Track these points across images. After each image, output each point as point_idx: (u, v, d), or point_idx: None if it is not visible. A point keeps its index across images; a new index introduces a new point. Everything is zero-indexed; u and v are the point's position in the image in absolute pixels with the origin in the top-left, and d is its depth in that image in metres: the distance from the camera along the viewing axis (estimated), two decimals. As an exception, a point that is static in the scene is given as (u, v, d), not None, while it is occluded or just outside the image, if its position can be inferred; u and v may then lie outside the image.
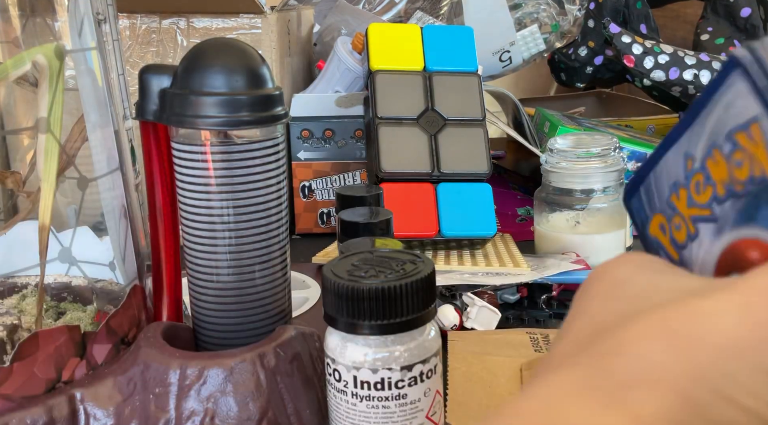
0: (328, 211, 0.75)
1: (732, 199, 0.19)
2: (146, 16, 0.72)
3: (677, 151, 0.21)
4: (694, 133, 0.20)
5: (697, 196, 0.20)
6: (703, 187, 0.20)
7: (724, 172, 0.19)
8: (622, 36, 0.72)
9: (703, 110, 0.19)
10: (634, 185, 0.23)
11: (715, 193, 0.20)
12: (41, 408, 0.33)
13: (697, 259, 0.21)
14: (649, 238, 0.23)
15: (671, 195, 0.22)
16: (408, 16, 0.92)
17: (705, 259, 0.21)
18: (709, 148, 0.19)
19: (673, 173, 0.21)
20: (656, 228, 0.23)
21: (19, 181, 0.39)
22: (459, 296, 0.52)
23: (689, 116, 0.20)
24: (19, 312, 0.39)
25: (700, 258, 0.21)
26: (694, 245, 0.21)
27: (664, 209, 0.22)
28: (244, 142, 0.36)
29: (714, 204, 0.20)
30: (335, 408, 0.33)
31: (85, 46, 0.38)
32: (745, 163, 0.18)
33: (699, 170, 0.20)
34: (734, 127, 0.18)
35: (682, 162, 0.21)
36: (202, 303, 0.38)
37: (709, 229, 0.20)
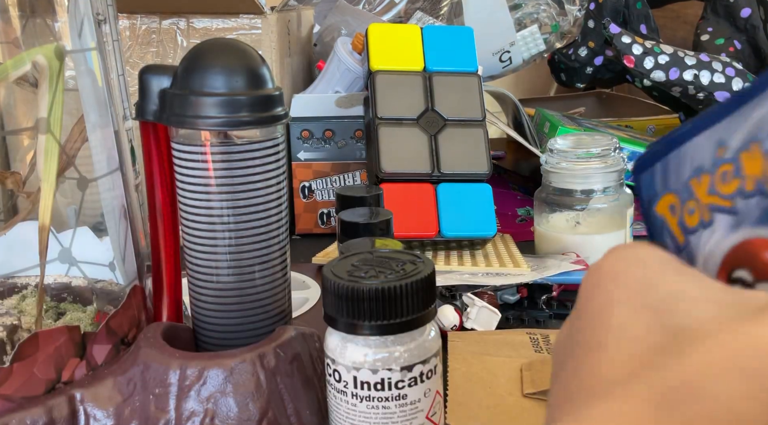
0: (328, 211, 0.75)
1: (760, 196, 0.19)
2: (146, 16, 0.72)
3: (710, 136, 0.20)
4: (733, 122, 0.19)
5: (721, 185, 0.20)
6: (731, 177, 0.19)
7: (759, 169, 0.19)
8: (622, 36, 0.72)
9: (749, 102, 0.18)
10: (650, 160, 0.22)
11: (742, 186, 0.19)
12: (41, 409, 0.33)
13: (704, 247, 0.21)
14: (654, 215, 0.23)
15: (692, 178, 0.21)
16: (408, 17, 0.92)
17: (713, 249, 0.20)
18: (747, 141, 0.19)
19: (699, 157, 0.20)
20: (665, 207, 0.22)
21: (19, 182, 0.39)
22: (459, 296, 0.52)
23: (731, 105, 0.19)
24: (19, 313, 0.39)
25: (709, 247, 0.21)
26: (705, 233, 0.21)
27: (679, 190, 0.21)
28: (244, 142, 0.36)
29: (738, 197, 0.19)
30: (335, 409, 0.33)
31: (85, 46, 0.38)
32: None
33: (730, 161, 0.19)
34: None
35: (712, 148, 0.20)
36: (202, 304, 0.38)
37: (725, 221, 0.20)
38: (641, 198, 0.23)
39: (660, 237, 0.23)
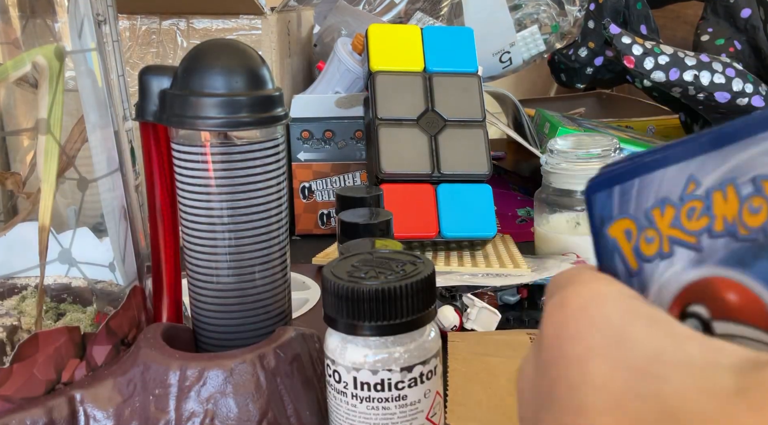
0: (328, 211, 0.75)
1: (728, 238, 0.19)
2: (146, 17, 0.72)
3: (682, 169, 0.20)
4: (710, 160, 0.19)
5: (686, 220, 0.20)
6: (698, 215, 0.20)
7: (732, 211, 0.19)
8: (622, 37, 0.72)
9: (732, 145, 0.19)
10: (608, 182, 0.22)
11: (710, 225, 0.19)
12: (41, 410, 0.33)
13: (660, 277, 0.21)
14: (606, 237, 0.22)
15: (654, 208, 0.21)
16: (408, 17, 0.92)
17: (670, 280, 0.21)
18: (723, 182, 0.19)
19: (666, 189, 0.20)
20: (619, 231, 0.22)
21: (19, 182, 0.39)
22: (459, 297, 0.52)
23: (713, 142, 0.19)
24: (19, 314, 0.39)
25: (665, 277, 0.21)
26: (663, 263, 0.21)
27: (638, 217, 0.21)
28: (244, 143, 0.36)
29: (705, 235, 0.19)
30: (335, 409, 0.33)
31: (85, 47, 0.38)
32: (763, 211, 0.18)
33: (700, 198, 0.19)
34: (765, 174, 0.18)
35: (683, 182, 0.20)
36: (202, 304, 0.38)
37: (686, 256, 0.20)
38: (592, 216, 0.23)
39: (610, 258, 0.23)
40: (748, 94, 0.71)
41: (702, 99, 0.73)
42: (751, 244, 0.18)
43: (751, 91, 0.71)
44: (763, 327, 0.18)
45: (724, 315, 0.19)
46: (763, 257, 0.18)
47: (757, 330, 0.18)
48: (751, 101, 0.71)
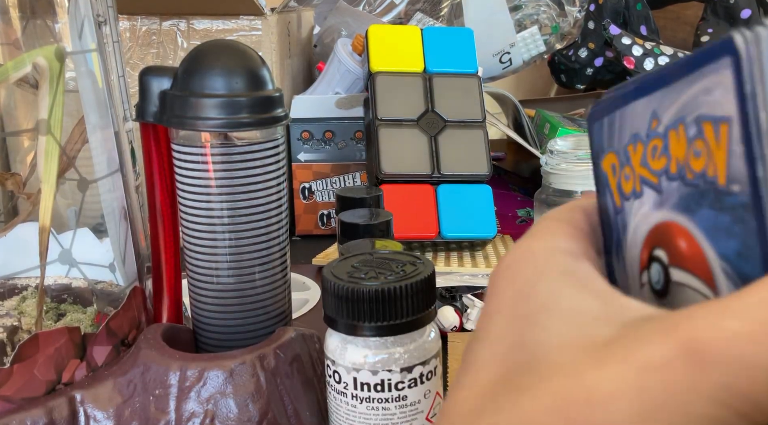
0: (328, 212, 0.75)
1: (680, 181, 0.18)
2: (146, 17, 0.72)
3: (648, 104, 0.19)
4: (668, 94, 0.18)
5: (651, 159, 0.19)
6: (659, 154, 0.18)
7: (682, 153, 0.17)
8: (622, 37, 0.72)
9: (684, 78, 0.17)
10: (601, 111, 0.21)
11: (668, 166, 0.18)
12: (41, 410, 0.33)
13: (634, 217, 0.20)
14: (600, 171, 0.22)
15: (629, 144, 0.20)
16: (408, 18, 0.92)
17: (640, 222, 0.20)
18: (676, 120, 0.18)
19: (637, 124, 0.19)
20: (608, 166, 0.21)
21: (20, 183, 0.39)
22: (459, 297, 0.52)
23: (671, 75, 0.18)
24: (19, 314, 0.39)
25: (637, 219, 0.20)
26: (636, 203, 0.20)
27: (619, 153, 0.20)
28: (244, 143, 0.36)
29: (663, 176, 0.18)
30: (335, 410, 0.33)
31: (85, 47, 0.38)
32: (703, 155, 0.17)
33: (661, 136, 0.18)
34: (705, 115, 0.16)
35: (648, 118, 0.19)
36: (202, 305, 0.38)
37: (651, 196, 0.19)
38: (592, 148, 0.22)
39: (603, 193, 0.22)
40: (748, 94, 0.71)
41: (702, 99, 0.72)
42: (695, 190, 0.17)
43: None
44: (703, 278, 0.17)
45: (677, 262, 0.18)
46: (704, 205, 0.17)
47: (700, 282, 0.18)
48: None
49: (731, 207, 0.16)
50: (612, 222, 0.21)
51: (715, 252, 0.17)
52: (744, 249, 0.16)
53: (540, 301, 0.18)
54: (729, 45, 0.15)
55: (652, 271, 0.20)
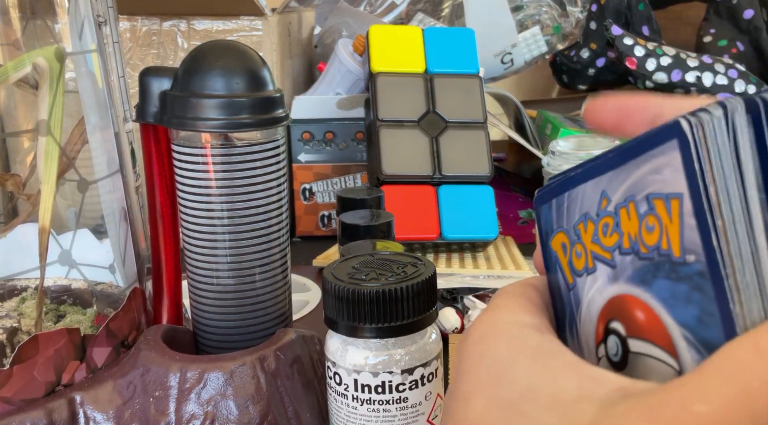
0: (328, 213, 0.75)
1: (633, 255, 0.19)
2: (146, 18, 0.72)
3: (597, 185, 0.20)
4: (617, 176, 0.19)
5: (603, 237, 0.20)
6: (611, 231, 0.20)
7: (634, 229, 0.19)
8: (624, 38, 0.72)
9: (632, 160, 0.18)
10: (548, 194, 0.23)
11: (620, 242, 0.19)
12: (41, 411, 0.33)
13: (588, 292, 0.21)
14: (550, 250, 0.23)
15: (579, 222, 0.21)
16: (409, 18, 0.92)
17: (595, 297, 0.21)
18: (626, 198, 0.19)
19: (587, 204, 0.21)
20: (558, 244, 0.22)
21: (19, 184, 0.39)
22: (460, 299, 0.52)
23: (618, 158, 0.19)
24: (19, 315, 0.39)
25: (591, 294, 0.21)
26: (590, 279, 0.21)
27: (569, 231, 0.22)
28: (245, 144, 0.36)
29: (616, 252, 0.19)
30: (336, 412, 0.32)
31: (85, 48, 0.38)
32: (656, 230, 0.18)
33: (611, 214, 0.20)
34: (656, 192, 0.18)
35: (598, 198, 0.20)
36: (203, 306, 0.38)
37: (605, 271, 0.20)
38: (540, 229, 0.23)
39: (554, 271, 0.23)
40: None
41: (704, 100, 0.72)
42: (650, 263, 0.18)
43: (753, 92, 0.71)
44: (664, 346, 0.18)
45: (635, 333, 0.19)
46: (659, 276, 0.18)
47: (661, 350, 0.18)
48: (753, 102, 0.71)
49: (688, 276, 0.17)
50: (564, 298, 0.22)
51: (674, 320, 0.18)
52: (703, 315, 0.17)
53: (520, 387, 0.19)
54: (675, 129, 0.17)
55: (609, 344, 0.20)
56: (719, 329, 0.16)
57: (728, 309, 0.16)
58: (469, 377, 0.20)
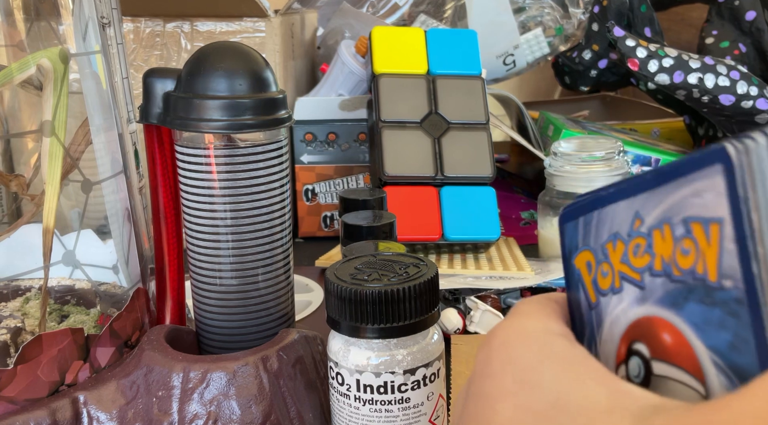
0: (331, 214, 0.75)
1: (665, 278, 0.19)
2: (150, 19, 0.72)
3: (630, 205, 0.20)
4: (653, 197, 0.19)
5: (633, 257, 0.20)
6: (642, 252, 0.20)
7: (668, 251, 0.19)
8: (626, 39, 0.72)
9: (671, 182, 0.19)
10: (575, 212, 0.23)
11: (651, 263, 0.19)
12: (44, 411, 0.33)
13: (612, 312, 0.21)
14: (573, 267, 0.23)
15: (608, 242, 0.21)
16: (412, 20, 0.92)
17: (619, 317, 0.21)
18: (661, 220, 0.19)
19: (617, 224, 0.21)
20: (582, 262, 0.22)
21: (23, 184, 0.39)
22: (462, 300, 0.52)
23: (655, 180, 0.19)
24: (23, 315, 0.39)
25: (616, 313, 0.21)
26: (615, 298, 0.21)
27: (596, 250, 0.22)
28: (248, 145, 0.36)
29: (646, 273, 0.19)
30: (338, 412, 0.32)
31: (89, 49, 0.38)
32: (692, 254, 0.18)
33: (644, 235, 0.20)
34: (695, 216, 0.18)
35: (630, 218, 0.20)
36: (205, 307, 0.38)
37: (633, 292, 0.20)
38: (563, 245, 0.23)
39: (576, 289, 0.23)
40: (753, 96, 0.71)
41: (706, 102, 0.72)
42: (683, 286, 0.18)
43: (756, 93, 0.71)
44: (690, 371, 0.18)
45: (661, 356, 0.19)
46: (691, 300, 0.18)
47: (686, 374, 0.18)
48: (755, 104, 0.71)
49: (723, 301, 0.17)
50: (585, 317, 0.22)
51: (704, 344, 0.18)
52: (737, 341, 0.17)
53: (549, 395, 0.19)
54: (721, 154, 0.17)
55: (630, 365, 0.20)
56: (753, 356, 0.16)
57: (764, 336, 0.16)
58: (494, 381, 0.20)
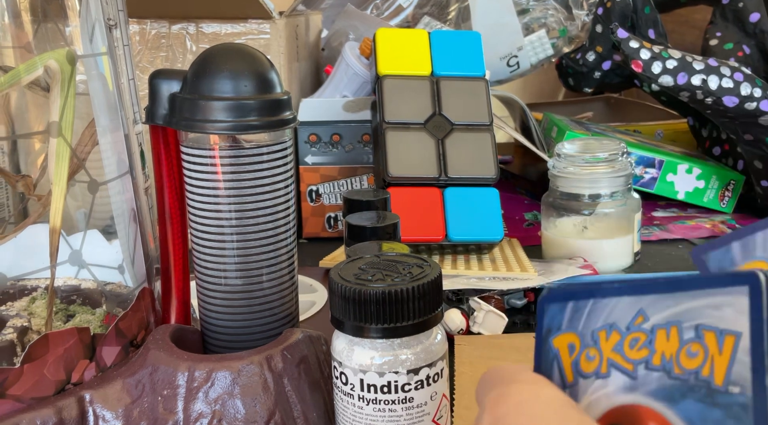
0: (335, 215, 0.75)
1: (663, 373, 0.21)
2: (156, 21, 0.72)
3: (634, 302, 0.22)
4: (662, 300, 0.21)
5: (628, 349, 0.22)
6: (640, 346, 0.21)
7: (671, 350, 0.20)
8: (629, 41, 0.72)
9: (687, 292, 0.20)
10: (564, 296, 0.24)
11: (649, 358, 0.21)
12: (51, 410, 0.33)
13: (592, 394, 0.23)
14: (549, 346, 0.24)
15: (601, 330, 0.23)
16: (416, 22, 0.92)
17: (599, 398, 0.22)
18: (669, 322, 0.21)
19: (616, 316, 0.22)
20: (563, 343, 0.24)
21: (30, 185, 0.39)
22: (466, 300, 0.52)
23: (668, 286, 0.21)
24: (29, 315, 0.39)
25: (597, 395, 0.22)
26: (598, 382, 0.22)
27: (584, 335, 0.23)
28: (253, 146, 0.36)
29: (641, 366, 0.21)
30: (342, 411, 0.33)
31: (96, 51, 0.38)
32: (699, 357, 0.20)
33: (646, 331, 0.21)
34: (709, 325, 0.20)
35: (632, 314, 0.22)
36: (210, 306, 0.38)
37: (621, 380, 0.22)
38: (540, 324, 0.25)
39: (548, 366, 0.24)
40: (757, 98, 0.71)
41: (710, 103, 0.72)
42: (682, 383, 0.20)
43: (760, 95, 0.71)
44: None
45: None
46: (690, 397, 0.20)
47: None
48: (759, 105, 0.71)
49: (726, 404, 0.19)
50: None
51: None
52: None
53: None
54: (752, 278, 0.19)
55: None
56: None
57: None
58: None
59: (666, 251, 0.69)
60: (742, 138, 0.75)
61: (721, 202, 0.81)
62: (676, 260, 0.67)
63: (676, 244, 0.71)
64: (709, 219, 0.78)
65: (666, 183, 0.80)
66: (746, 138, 0.75)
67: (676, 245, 0.71)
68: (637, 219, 0.64)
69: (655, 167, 0.80)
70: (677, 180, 0.80)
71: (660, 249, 0.70)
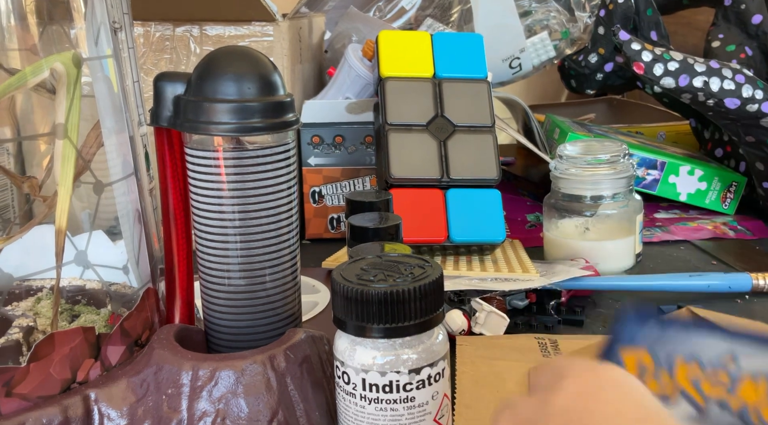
0: (338, 216, 0.76)
1: (738, 419, 0.20)
2: (160, 23, 0.73)
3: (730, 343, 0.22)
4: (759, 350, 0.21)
5: (707, 383, 0.21)
6: (721, 386, 0.21)
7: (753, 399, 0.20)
8: (631, 43, 0.72)
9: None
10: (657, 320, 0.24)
11: (726, 399, 0.21)
12: (56, 408, 0.34)
13: None
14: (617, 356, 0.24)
15: (679, 356, 0.22)
16: (418, 24, 0.93)
17: None
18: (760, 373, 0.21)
19: (701, 349, 0.22)
20: (632, 358, 0.23)
21: (36, 186, 0.40)
22: (467, 301, 0.53)
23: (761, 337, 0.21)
24: (35, 315, 0.40)
25: None
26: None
27: (658, 357, 0.23)
28: (256, 147, 0.36)
29: (715, 404, 0.21)
30: (344, 411, 0.33)
31: (101, 53, 0.39)
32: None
33: (730, 373, 0.21)
34: None
35: (722, 352, 0.22)
36: (214, 306, 0.38)
37: (688, 411, 0.21)
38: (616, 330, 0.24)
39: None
40: (758, 100, 0.71)
41: (712, 105, 0.73)
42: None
43: (761, 97, 0.71)
44: None
45: None
46: None
47: None
48: (761, 108, 0.71)
49: None
50: None
51: None
52: None
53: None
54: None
55: None
56: None
57: None
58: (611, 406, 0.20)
59: (668, 252, 0.70)
60: (743, 140, 0.75)
61: (723, 203, 0.81)
62: (677, 262, 0.67)
63: (678, 246, 0.72)
64: (711, 220, 0.79)
65: (668, 184, 0.81)
66: (748, 140, 0.75)
67: (678, 247, 0.71)
68: (638, 221, 0.64)
69: (657, 169, 0.80)
70: (679, 181, 0.80)
71: (662, 250, 0.70)
